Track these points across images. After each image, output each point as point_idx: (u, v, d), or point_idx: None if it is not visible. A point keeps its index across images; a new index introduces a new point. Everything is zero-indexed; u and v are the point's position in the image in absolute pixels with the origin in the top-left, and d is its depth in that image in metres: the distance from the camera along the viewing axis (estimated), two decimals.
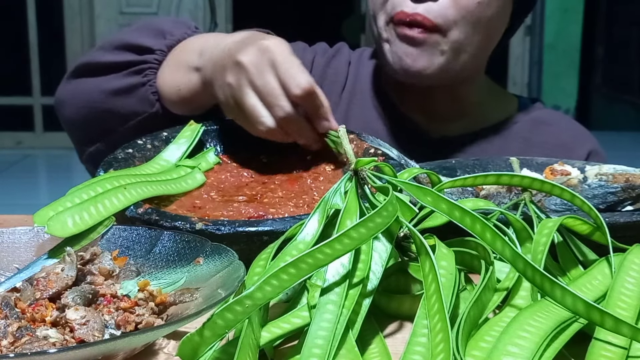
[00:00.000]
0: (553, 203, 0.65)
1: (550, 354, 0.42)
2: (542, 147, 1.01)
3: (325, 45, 1.11)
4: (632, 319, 0.45)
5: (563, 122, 1.10)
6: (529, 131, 1.04)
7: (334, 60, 1.08)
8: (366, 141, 0.79)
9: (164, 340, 0.49)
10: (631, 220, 0.62)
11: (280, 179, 0.78)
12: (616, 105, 6.16)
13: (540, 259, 0.50)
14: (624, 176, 0.66)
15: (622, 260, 0.51)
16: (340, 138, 0.52)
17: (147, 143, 0.80)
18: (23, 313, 0.47)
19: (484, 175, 0.58)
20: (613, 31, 6.17)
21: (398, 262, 0.55)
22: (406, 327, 0.51)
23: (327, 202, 0.50)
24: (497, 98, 1.08)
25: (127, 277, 0.54)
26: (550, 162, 0.81)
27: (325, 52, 1.09)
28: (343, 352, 0.41)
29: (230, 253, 0.53)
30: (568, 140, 1.05)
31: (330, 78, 1.06)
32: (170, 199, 0.71)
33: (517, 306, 0.47)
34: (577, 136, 1.08)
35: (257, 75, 0.75)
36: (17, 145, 5.08)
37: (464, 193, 0.70)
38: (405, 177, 0.58)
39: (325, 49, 1.10)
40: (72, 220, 0.58)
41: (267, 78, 0.75)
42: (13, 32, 5.04)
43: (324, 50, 1.10)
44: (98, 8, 4.82)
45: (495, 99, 1.08)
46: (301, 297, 0.50)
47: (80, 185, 0.65)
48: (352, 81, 1.07)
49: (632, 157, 1.09)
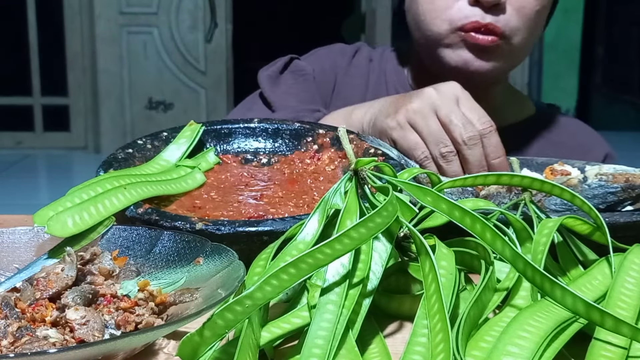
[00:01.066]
0: (553, 203, 0.65)
1: (550, 354, 0.42)
2: (561, 147, 1.07)
3: (343, 46, 1.18)
4: (632, 319, 0.45)
5: (579, 126, 1.17)
6: (548, 131, 1.11)
7: (355, 59, 1.14)
8: (366, 141, 0.79)
9: (164, 340, 0.49)
10: (631, 220, 0.62)
11: (280, 179, 0.78)
12: (616, 105, 6.15)
13: (540, 259, 0.50)
14: (623, 176, 0.66)
15: (622, 260, 0.51)
16: (341, 138, 0.52)
17: (147, 143, 0.80)
18: (23, 313, 0.47)
19: (484, 175, 0.58)
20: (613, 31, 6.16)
21: (398, 262, 0.55)
22: (406, 327, 0.51)
23: (327, 202, 0.50)
24: (516, 99, 1.13)
25: (127, 277, 0.54)
26: (550, 162, 0.81)
27: (345, 52, 1.15)
28: (343, 352, 0.41)
29: (230, 253, 0.53)
30: (586, 142, 1.12)
31: (353, 73, 1.12)
32: (170, 199, 0.71)
33: (517, 306, 0.47)
34: (594, 139, 1.14)
35: (444, 103, 0.81)
36: (17, 145, 5.08)
37: (464, 193, 0.70)
38: (405, 177, 0.57)
39: (344, 48, 1.16)
40: (72, 220, 0.58)
41: (452, 107, 0.81)
42: (13, 32, 5.04)
43: (342, 50, 1.16)
44: (98, 8, 4.82)
45: (514, 100, 1.13)
46: (301, 297, 0.50)
47: (80, 185, 0.65)
48: (376, 77, 1.13)
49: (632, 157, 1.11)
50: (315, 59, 1.14)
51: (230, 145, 0.84)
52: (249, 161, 0.82)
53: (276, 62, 1.11)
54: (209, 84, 4.99)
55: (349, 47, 1.17)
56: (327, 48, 1.17)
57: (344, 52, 1.15)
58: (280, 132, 0.84)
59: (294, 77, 1.09)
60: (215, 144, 0.83)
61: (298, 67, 1.10)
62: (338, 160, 0.79)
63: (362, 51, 1.15)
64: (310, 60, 1.14)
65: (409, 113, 0.82)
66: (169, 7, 4.86)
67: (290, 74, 1.09)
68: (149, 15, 4.86)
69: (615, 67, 6.20)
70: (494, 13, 0.95)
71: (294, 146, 0.83)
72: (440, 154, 0.80)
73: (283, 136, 0.84)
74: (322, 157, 0.80)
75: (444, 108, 0.80)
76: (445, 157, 0.80)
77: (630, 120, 6.01)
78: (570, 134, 1.12)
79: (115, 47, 4.87)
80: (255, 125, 0.85)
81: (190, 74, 4.96)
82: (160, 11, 4.87)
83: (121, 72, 4.90)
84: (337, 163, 0.79)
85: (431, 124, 0.80)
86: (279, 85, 1.07)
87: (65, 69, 5.00)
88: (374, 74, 1.13)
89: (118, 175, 0.68)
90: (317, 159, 0.81)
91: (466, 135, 0.79)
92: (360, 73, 1.12)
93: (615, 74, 6.20)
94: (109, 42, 4.86)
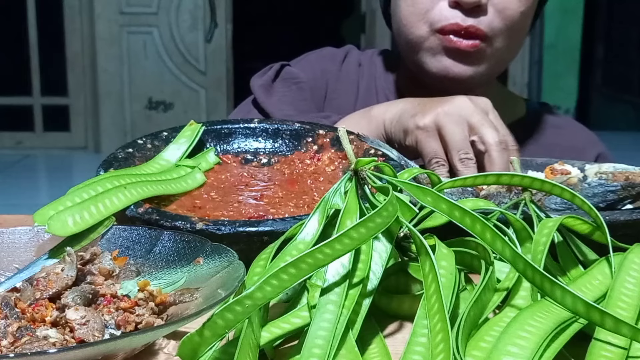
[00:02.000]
0: (553, 202, 0.65)
1: (550, 354, 0.42)
2: (553, 149, 1.04)
3: (333, 50, 1.15)
4: (632, 319, 0.45)
5: (572, 126, 1.13)
6: (538, 134, 1.07)
7: (344, 64, 1.11)
8: (366, 142, 0.79)
9: (164, 340, 0.49)
10: (631, 219, 0.62)
11: (280, 180, 0.78)
12: (616, 105, 6.16)
13: (540, 259, 0.50)
14: (623, 174, 0.66)
15: (622, 260, 0.51)
16: (341, 138, 0.52)
17: (147, 143, 0.80)
18: (23, 313, 0.47)
19: (484, 175, 0.58)
20: (613, 31, 6.16)
21: (398, 262, 0.55)
22: (406, 327, 0.51)
23: (327, 202, 0.50)
24: (505, 100, 1.10)
25: (127, 277, 0.54)
26: (550, 161, 0.81)
27: (335, 57, 1.13)
28: (343, 352, 0.41)
29: (230, 253, 0.53)
30: (578, 143, 1.08)
31: (344, 79, 1.10)
32: (170, 198, 0.71)
33: (517, 306, 0.47)
34: (586, 139, 1.11)
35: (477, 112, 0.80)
36: (17, 145, 5.08)
37: (464, 193, 0.70)
38: (405, 177, 0.57)
39: (334, 53, 1.14)
40: (73, 219, 0.58)
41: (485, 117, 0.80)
42: (13, 32, 5.04)
43: (332, 54, 1.13)
44: (98, 8, 4.83)
45: (504, 101, 1.09)
46: (301, 297, 0.50)
47: (81, 184, 0.65)
48: (365, 82, 1.10)
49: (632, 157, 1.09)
50: (306, 64, 1.12)
51: (230, 145, 0.84)
52: (249, 161, 0.82)
53: (267, 70, 1.09)
54: (209, 84, 4.99)
55: (339, 51, 1.15)
56: (316, 53, 1.15)
57: (334, 57, 1.13)
58: (280, 132, 0.84)
59: (287, 85, 1.07)
60: (215, 144, 0.83)
61: (291, 75, 1.08)
62: (338, 161, 0.79)
63: (351, 55, 1.13)
64: (302, 66, 1.12)
65: (439, 116, 0.80)
66: (169, 7, 4.86)
67: (283, 81, 1.08)
68: (149, 15, 4.87)
69: (615, 67, 6.20)
70: (475, 15, 0.92)
71: (294, 146, 0.83)
72: (460, 160, 0.79)
73: (283, 136, 0.84)
74: (322, 158, 0.80)
75: (476, 116, 0.80)
76: (464, 162, 0.79)
77: (630, 120, 6.02)
78: (561, 135, 1.09)
79: (115, 47, 4.87)
80: (256, 126, 0.85)
81: (190, 74, 4.97)
82: (160, 11, 4.87)
83: (121, 72, 4.90)
84: (337, 164, 0.79)
85: (459, 131, 0.79)
86: (273, 94, 1.05)
87: (65, 69, 5.00)
88: (363, 79, 1.11)
89: (118, 174, 0.68)
90: (317, 159, 0.81)
91: (499, 138, 0.79)
92: (350, 79, 1.10)
93: (615, 74, 6.20)
94: (109, 42, 4.86)
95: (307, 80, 1.08)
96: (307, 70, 1.10)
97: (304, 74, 1.09)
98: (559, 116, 1.16)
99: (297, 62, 1.13)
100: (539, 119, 1.10)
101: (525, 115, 1.10)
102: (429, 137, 0.81)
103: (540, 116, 1.10)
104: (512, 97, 1.15)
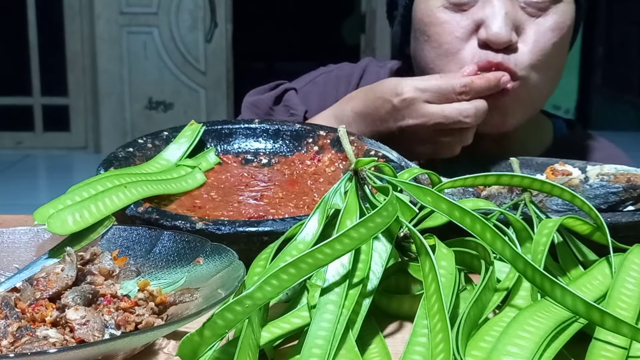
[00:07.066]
0: (555, 203, 0.65)
1: (550, 354, 0.42)
2: None
3: (349, 70, 1.12)
4: (632, 319, 0.45)
5: (599, 148, 1.06)
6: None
7: (362, 80, 1.08)
8: (366, 143, 0.79)
9: (164, 340, 0.49)
10: (633, 220, 0.62)
11: (280, 180, 0.78)
12: (616, 105, 6.15)
13: (540, 259, 0.50)
14: (625, 176, 0.66)
15: (622, 260, 0.51)
16: (341, 138, 0.52)
17: (147, 142, 0.80)
18: (23, 313, 0.47)
19: (484, 176, 0.58)
20: (613, 31, 6.16)
21: (398, 262, 0.55)
22: (406, 327, 0.51)
23: (327, 202, 0.50)
24: (533, 127, 1.02)
25: (127, 277, 0.54)
26: (550, 162, 0.81)
27: (350, 78, 1.10)
28: (343, 352, 0.41)
29: (230, 253, 0.53)
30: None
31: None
32: (170, 198, 0.71)
33: (517, 306, 0.47)
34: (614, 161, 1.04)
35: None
36: (17, 145, 5.08)
37: (465, 194, 0.70)
38: (405, 178, 0.58)
39: (350, 74, 1.11)
40: (73, 218, 0.58)
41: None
42: (13, 32, 5.04)
43: (348, 75, 1.10)
44: (98, 8, 4.82)
45: (532, 129, 1.02)
46: (301, 297, 0.50)
47: (81, 183, 0.65)
48: None
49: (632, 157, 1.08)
50: (309, 92, 1.08)
51: (230, 145, 0.84)
52: (250, 161, 0.82)
53: (267, 89, 1.06)
54: (209, 84, 4.99)
55: (356, 68, 1.10)
56: (327, 74, 1.10)
57: (349, 78, 1.08)
58: (280, 133, 0.84)
59: (288, 113, 1.04)
60: (215, 144, 0.83)
61: (291, 104, 1.04)
62: (338, 162, 0.79)
63: (368, 72, 1.08)
64: (304, 94, 1.07)
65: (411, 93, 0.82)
66: (169, 7, 4.86)
67: (284, 107, 1.04)
68: (149, 15, 4.86)
69: (615, 67, 6.20)
70: (506, 53, 0.86)
71: (294, 147, 0.83)
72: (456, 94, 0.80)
73: (283, 137, 0.84)
74: (323, 159, 0.80)
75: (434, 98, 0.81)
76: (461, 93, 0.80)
77: (630, 120, 6.01)
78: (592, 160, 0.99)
79: (115, 47, 4.87)
80: (256, 126, 0.85)
81: (190, 74, 4.96)
82: (160, 11, 4.87)
83: (121, 72, 4.90)
84: (338, 165, 0.79)
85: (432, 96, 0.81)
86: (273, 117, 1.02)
87: (65, 69, 5.00)
88: None
89: (118, 173, 0.68)
90: (317, 160, 0.81)
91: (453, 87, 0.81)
92: None
93: (615, 74, 6.20)
94: (109, 42, 4.86)
95: (301, 114, 1.03)
96: (309, 100, 1.07)
97: (304, 105, 1.05)
98: (588, 140, 1.07)
99: (302, 86, 1.09)
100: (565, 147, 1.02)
101: (552, 145, 1.03)
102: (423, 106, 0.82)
103: (567, 143, 1.04)
104: (538, 120, 1.05)
